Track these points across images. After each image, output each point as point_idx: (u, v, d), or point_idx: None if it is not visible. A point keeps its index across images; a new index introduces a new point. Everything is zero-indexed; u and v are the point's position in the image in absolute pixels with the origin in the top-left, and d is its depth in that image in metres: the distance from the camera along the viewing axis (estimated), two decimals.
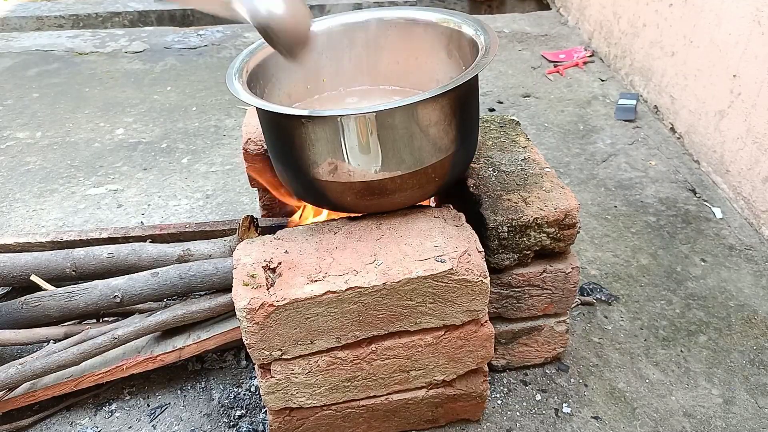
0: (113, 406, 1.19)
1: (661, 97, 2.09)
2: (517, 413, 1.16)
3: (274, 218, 1.34)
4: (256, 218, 1.21)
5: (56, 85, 2.55)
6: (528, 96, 2.34)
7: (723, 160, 1.74)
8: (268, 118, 0.99)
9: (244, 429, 1.14)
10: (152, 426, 1.16)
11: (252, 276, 0.93)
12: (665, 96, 2.06)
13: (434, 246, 0.95)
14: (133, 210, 1.78)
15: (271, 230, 1.10)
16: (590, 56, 2.57)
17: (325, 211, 1.22)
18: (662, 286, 1.45)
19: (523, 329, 1.19)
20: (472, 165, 1.17)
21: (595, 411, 1.16)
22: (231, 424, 1.15)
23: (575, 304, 1.38)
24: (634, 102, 2.16)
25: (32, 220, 1.76)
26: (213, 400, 1.20)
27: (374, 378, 1.01)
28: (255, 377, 1.22)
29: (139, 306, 1.23)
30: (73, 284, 1.19)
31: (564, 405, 1.17)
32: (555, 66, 2.53)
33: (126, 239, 1.30)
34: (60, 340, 1.15)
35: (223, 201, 1.81)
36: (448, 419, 1.13)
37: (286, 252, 0.97)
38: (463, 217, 1.03)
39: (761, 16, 1.54)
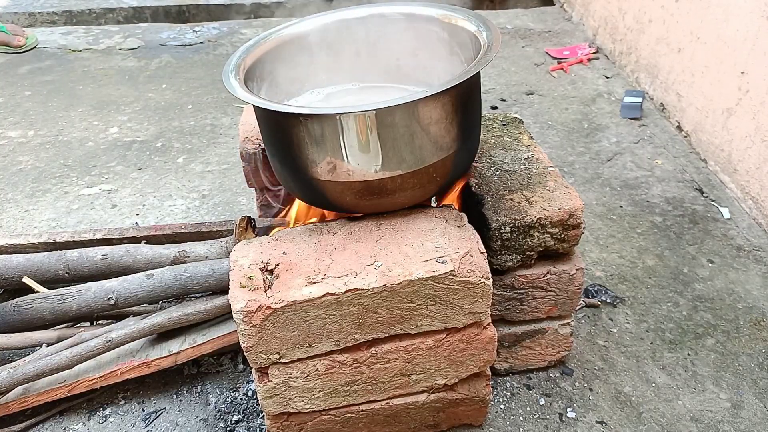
0: (107, 411, 1.18)
1: (667, 95, 2.07)
2: (521, 418, 1.14)
3: (271, 219, 1.32)
4: (254, 219, 1.19)
5: (49, 82, 2.53)
6: (531, 93, 2.32)
7: (731, 159, 1.71)
8: (265, 117, 0.97)
9: None
10: (147, 431, 1.13)
11: (249, 278, 0.91)
12: (672, 93, 2.03)
13: (435, 247, 0.94)
14: (127, 210, 1.77)
15: (268, 231, 1.08)
16: (595, 53, 2.55)
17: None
18: (669, 288, 1.43)
19: (527, 332, 1.17)
20: (474, 164, 1.15)
21: (601, 416, 1.14)
22: (228, 429, 1.13)
23: (580, 306, 1.36)
24: (639, 99, 2.14)
25: (24, 220, 1.74)
26: (209, 404, 1.18)
27: (374, 382, 1.00)
28: (252, 381, 1.20)
29: (133, 308, 1.22)
30: (67, 286, 1.17)
31: (568, 409, 1.15)
32: (559, 63, 2.51)
33: (120, 240, 1.28)
34: (53, 343, 1.14)
35: (220, 201, 1.80)
36: (450, 424, 1.11)
37: (284, 253, 0.95)
38: (465, 218, 1.01)
39: None
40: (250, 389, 1.20)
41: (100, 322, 1.23)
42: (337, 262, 0.93)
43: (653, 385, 1.20)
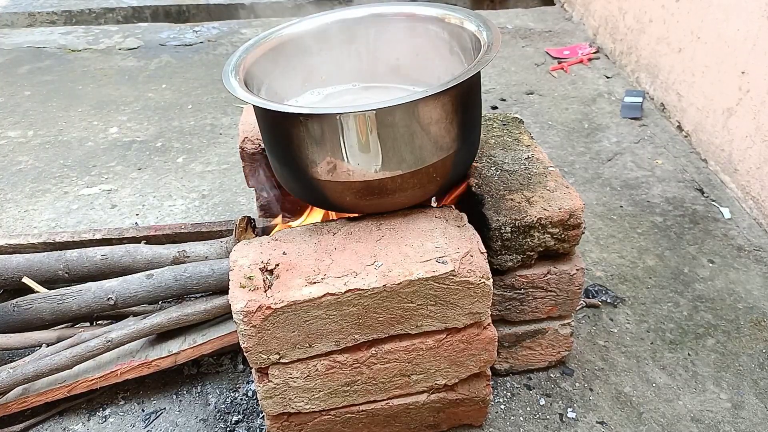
0: (107, 412, 1.17)
1: (667, 95, 2.06)
2: (521, 418, 1.14)
3: (271, 219, 1.32)
4: (253, 219, 1.19)
5: (48, 82, 2.53)
6: (531, 93, 2.32)
7: (731, 159, 1.71)
8: (265, 116, 0.97)
9: None
10: (147, 431, 1.13)
11: (249, 278, 0.91)
12: (672, 93, 2.03)
13: (435, 247, 0.93)
14: (127, 210, 1.77)
15: (268, 231, 1.07)
16: (595, 53, 2.54)
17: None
18: (669, 288, 1.42)
19: (527, 332, 1.17)
20: (474, 164, 1.15)
21: (601, 416, 1.14)
22: (228, 429, 1.13)
23: (580, 306, 1.36)
24: (640, 99, 2.14)
25: (24, 220, 1.74)
26: (209, 405, 1.18)
27: (374, 382, 0.99)
28: (252, 381, 1.20)
29: (133, 309, 1.21)
30: (66, 286, 1.17)
31: (569, 410, 1.15)
32: (559, 63, 2.51)
33: (120, 240, 1.28)
34: (53, 344, 1.13)
35: (220, 201, 1.79)
36: (450, 424, 1.11)
37: (284, 253, 0.95)
38: (465, 218, 1.01)
39: None
40: (250, 389, 1.20)
41: (99, 322, 1.23)
42: (337, 262, 0.92)
43: (654, 385, 1.19)
